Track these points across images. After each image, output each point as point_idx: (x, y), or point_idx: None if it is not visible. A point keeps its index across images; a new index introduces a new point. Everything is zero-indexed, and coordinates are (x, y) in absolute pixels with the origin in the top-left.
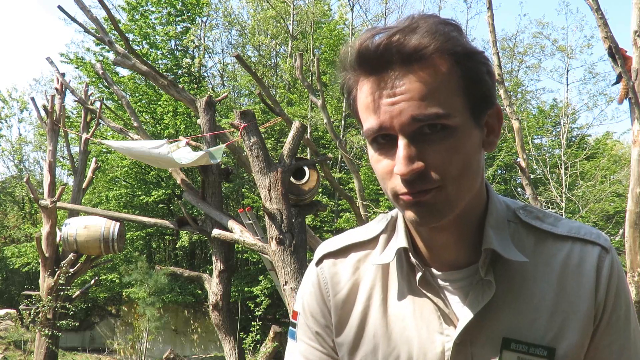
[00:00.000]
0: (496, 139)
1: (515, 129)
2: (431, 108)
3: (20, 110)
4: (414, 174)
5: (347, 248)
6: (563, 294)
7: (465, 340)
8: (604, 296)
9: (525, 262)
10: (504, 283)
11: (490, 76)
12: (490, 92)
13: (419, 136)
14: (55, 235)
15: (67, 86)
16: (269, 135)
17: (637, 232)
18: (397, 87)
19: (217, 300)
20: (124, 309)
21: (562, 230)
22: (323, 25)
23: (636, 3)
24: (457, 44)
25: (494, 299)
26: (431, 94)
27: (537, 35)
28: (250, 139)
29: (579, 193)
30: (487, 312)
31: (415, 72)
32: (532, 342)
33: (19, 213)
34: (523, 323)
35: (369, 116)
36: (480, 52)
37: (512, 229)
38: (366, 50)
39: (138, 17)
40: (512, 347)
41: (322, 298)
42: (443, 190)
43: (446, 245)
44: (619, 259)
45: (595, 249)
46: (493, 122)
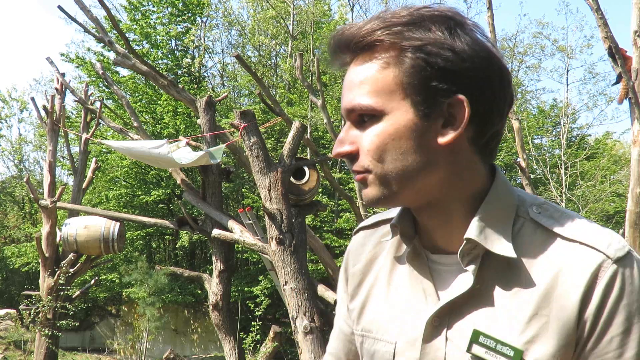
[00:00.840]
0: (454, 130)
1: (515, 129)
2: (357, 98)
3: (20, 110)
4: (341, 156)
5: (377, 223)
6: (549, 298)
7: (443, 323)
8: (595, 309)
9: (520, 260)
10: (491, 276)
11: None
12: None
13: (359, 123)
14: (55, 235)
15: (67, 86)
16: (269, 135)
17: (637, 232)
18: (348, 77)
19: (217, 300)
20: (124, 309)
21: (570, 233)
22: (323, 25)
23: (636, 3)
24: (400, 35)
25: (478, 290)
26: (360, 84)
27: (537, 35)
28: (250, 139)
29: (578, 193)
30: (469, 299)
31: (358, 63)
32: (500, 340)
33: (19, 213)
34: (500, 319)
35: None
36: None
37: (519, 224)
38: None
39: (139, 17)
40: (481, 341)
41: (346, 266)
42: (374, 174)
43: (432, 229)
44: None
45: (597, 256)
46: (455, 112)
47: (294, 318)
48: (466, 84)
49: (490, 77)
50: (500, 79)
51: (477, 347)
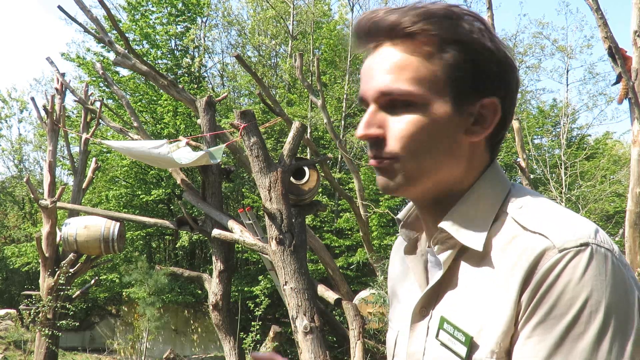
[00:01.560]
0: (483, 130)
1: (515, 129)
2: (397, 83)
3: (20, 110)
4: (367, 139)
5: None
6: (502, 286)
7: (427, 312)
8: (531, 291)
9: (489, 252)
10: (464, 266)
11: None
12: (478, 83)
13: (388, 108)
14: (55, 235)
15: (67, 86)
16: (269, 135)
17: (637, 232)
18: (375, 60)
19: (217, 300)
20: (124, 309)
21: (535, 226)
22: (323, 25)
23: (636, 3)
24: (444, 29)
25: (452, 280)
26: (401, 70)
27: (537, 35)
28: (250, 139)
29: (578, 193)
30: (442, 289)
31: (395, 48)
32: (457, 326)
33: (19, 213)
34: (462, 307)
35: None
36: (473, 42)
37: (500, 220)
38: (357, 26)
39: (139, 17)
40: (445, 327)
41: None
42: (398, 162)
43: (429, 221)
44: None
45: (543, 242)
46: (486, 113)
47: (294, 318)
48: (497, 86)
49: (512, 82)
50: (517, 85)
51: (443, 333)
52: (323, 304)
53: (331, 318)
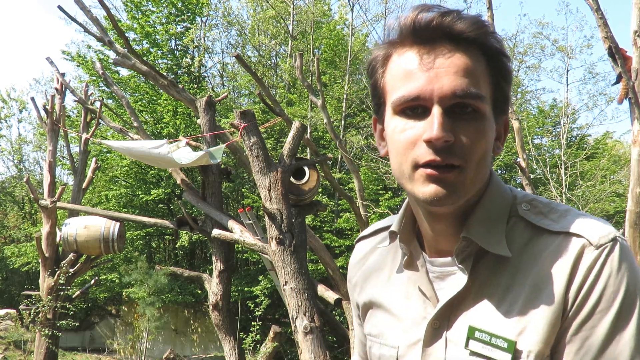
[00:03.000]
0: (502, 145)
1: (515, 129)
2: (472, 87)
3: (20, 110)
4: (446, 142)
5: (375, 232)
6: (539, 289)
7: (442, 325)
8: (576, 288)
9: (510, 256)
10: (486, 273)
11: (509, 84)
12: (508, 98)
13: (452, 114)
14: (55, 235)
15: (67, 86)
16: (269, 135)
17: (637, 232)
18: (441, 61)
19: (217, 300)
20: (124, 309)
21: (558, 226)
22: (323, 25)
23: (636, 3)
24: (496, 42)
25: (474, 287)
26: (472, 74)
27: (537, 35)
28: (250, 139)
29: (578, 193)
30: (463, 299)
31: (460, 53)
32: (494, 333)
33: (19, 213)
34: (493, 314)
35: (406, 83)
36: (508, 57)
37: (511, 223)
38: (419, 22)
39: (139, 17)
40: (476, 336)
41: (350, 276)
42: (463, 172)
43: (443, 232)
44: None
45: (579, 241)
46: (501, 129)
47: (294, 318)
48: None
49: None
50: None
51: (474, 342)
52: (323, 304)
53: (331, 318)
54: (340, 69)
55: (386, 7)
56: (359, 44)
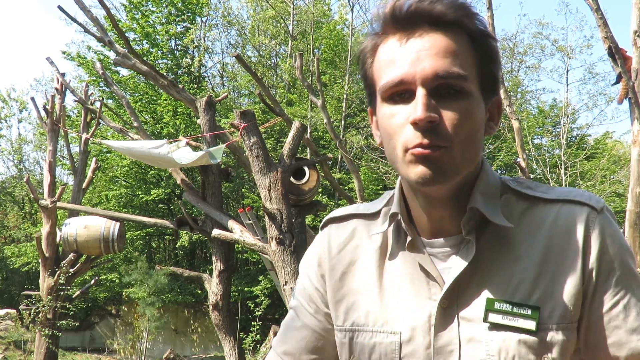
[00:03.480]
0: (495, 126)
1: (515, 129)
2: (453, 67)
3: (20, 110)
4: (430, 122)
5: (350, 216)
6: (550, 256)
7: (452, 303)
8: (595, 257)
9: (512, 227)
10: (490, 246)
11: (497, 64)
12: (497, 78)
13: (437, 95)
14: (55, 235)
15: (67, 86)
16: (269, 135)
17: (637, 232)
18: (422, 44)
19: (217, 300)
20: (124, 309)
21: (553, 195)
22: (323, 26)
23: (636, 3)
24: (477, 22)
25: (480, 262)
26: (454, 54)
27: (537, 35)
28: (250, 139)
29: None
30: (473, 274)
31: (441, 34)
32: (516, 302)
33: (19, 213)
34: (509, 285)
35: (390, 69)
36: (495, 39)
37: (503, 200)
38: (398, 9)
39: (139, 17)
40: (496, 307)
41: (319, 260)
42: (450, 151)
43: (441, 214)
44: (613, 220)
45: (584, 209)
46: (493, 110)
47: None
48: (499, 85)
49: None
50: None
51: (493, 314)
52: None
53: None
54: (340, 69)
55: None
56: (359, 44)
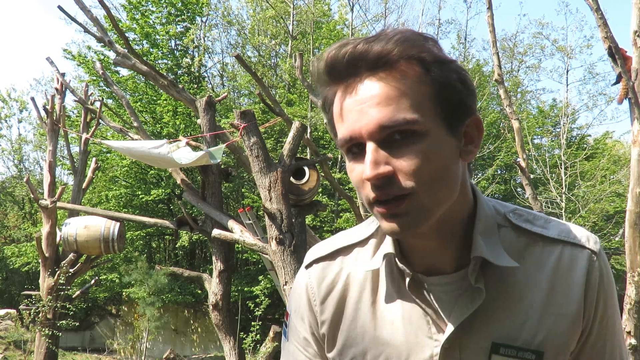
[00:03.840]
0: (475, 149)
1: (515, 129)
2: (399, 114)
3: (20, 110)
4: (380, 178)
5: (337, 252)
6: (553, 297)
7: (454, 345)
8: (594, 299)
9: (516, 266)
10: (493, 288)
11: (464, 85)
12: (465, 101)
13: (389, 143)
14: (55, 235)
15: (67, 86)
16: (269, 135)
17: (637, 232)
18: (363, 94)
19: (217, 300)
20: (124, 309)
21: (553, 233)
22: (323, 26)
23: (636, 3)
24: (424, 51)
25: (483, 304)
26: (398, 99)
27: (536, 35)
28: (250, 139)
29: (580, 193)
30: (476, 317)
31: (382, 79)
32: (520, 346)
33: (19, 213)
34: (512, 327)
35: (340, 125)
36: (451, 61)
37: (502, 233)
38: (334, 60)
39: (138, 17)
40: (502, 352)
41: (309, 304)
42: (415, 198)
43: (427, 251)
44: (607, 261)
45: (584, 252)
46: (472, 131)
47: None
48: (474, 104)
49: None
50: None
51: (497, 358)
52: None
53: None
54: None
55: (386, 7)
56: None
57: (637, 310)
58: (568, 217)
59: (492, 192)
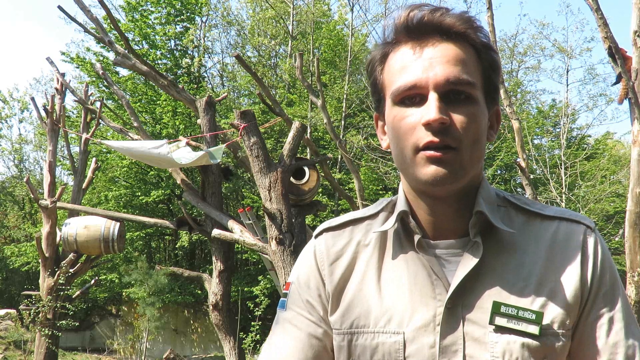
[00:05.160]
0: (495, 133)
1: (515, 129)
2: (463, 74)
3: (21, 110)
4: (442, 124)
5: (346, 223)
6: (551, 266)
7: (457, 304)
8: (591, 270)
9: (515, 234)
10: (494, 251)
11: (498, 76)
12: (498, 89)
13: (446, 99)
14: (55, 235)
15: (67, 86)
16: (269, 135)
17: (637, 232)
18: (433, 52)
19: (217, 300)
20: (124, 309)
21: (549, 212)
22: (323, 26)
23: (636, 3)
24: (481, 35)
25: (484, 266)
26: (463, 64)
27: (537, 36)
28: (250, 139)
29: (580, 193)
30: (478, 277)
31: (450, 45)
32: (521, 306)
33: (19, 213)
34: (513, 289)
35: (403, 74)
36: (496, 51)
37: (502, 212)
38: (411, 20)
39: (138, 17)
40: (502, 311)
41: (316, 268)
42: (460, 154)
43: (445, 215)
44: (602, 237)
45: (580, 227)
46: (493, 119)
47: None
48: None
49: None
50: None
51: (499, 317)
52: None
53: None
54: (340, 69)
55: (386, 7)
56: (359, 44)
57: (637, 310)
58: None
59: None
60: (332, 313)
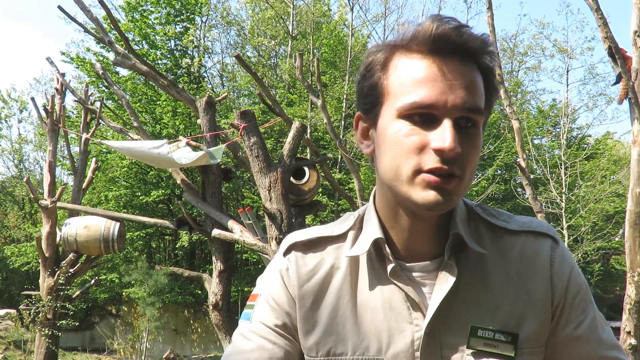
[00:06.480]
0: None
1: (515, 129)
2: (479, 102)
3: (20, 110)
4: (456, 154)
5: (317, 240)
6: (521, 284)
7: (434, 329)
8: (560, 284)
9: (485, 254)
10: (467, 271)
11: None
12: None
13: (457, 126)
14: (55, 235)
15: (67, 86)
16: (269, 135)
17: (637, 232)
18: (456, 75)
19: (217, 300)
20: (124, 309)
21: (515, 226)
22: (323, 26)
23: (636, 3)
24: (491, 61)
25: (459, 289)
26: (478, 90)
27: (537, 36)
28: (250, 139)
29: (580, 193)
30: (454, 301)
31: (470, 68)
32: (497, 329)
33: (19, 213)
34: (487, 311)
35: (418, 90)
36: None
37: (472, 227)
38: (438, 33)
39: (137, 17)
40: (479, 334)
41: (286, 287)
42: (460, 183)
43: (423, 234)
44: (566, 248)
45: (546, 241)
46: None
47: None
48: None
49: None
50: None
51: (475, 340)
52: None
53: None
54: (340, 69)
55: (386, 7)
56: (359, 45)
57: (637, 310)
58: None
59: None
60: (304, 337)
